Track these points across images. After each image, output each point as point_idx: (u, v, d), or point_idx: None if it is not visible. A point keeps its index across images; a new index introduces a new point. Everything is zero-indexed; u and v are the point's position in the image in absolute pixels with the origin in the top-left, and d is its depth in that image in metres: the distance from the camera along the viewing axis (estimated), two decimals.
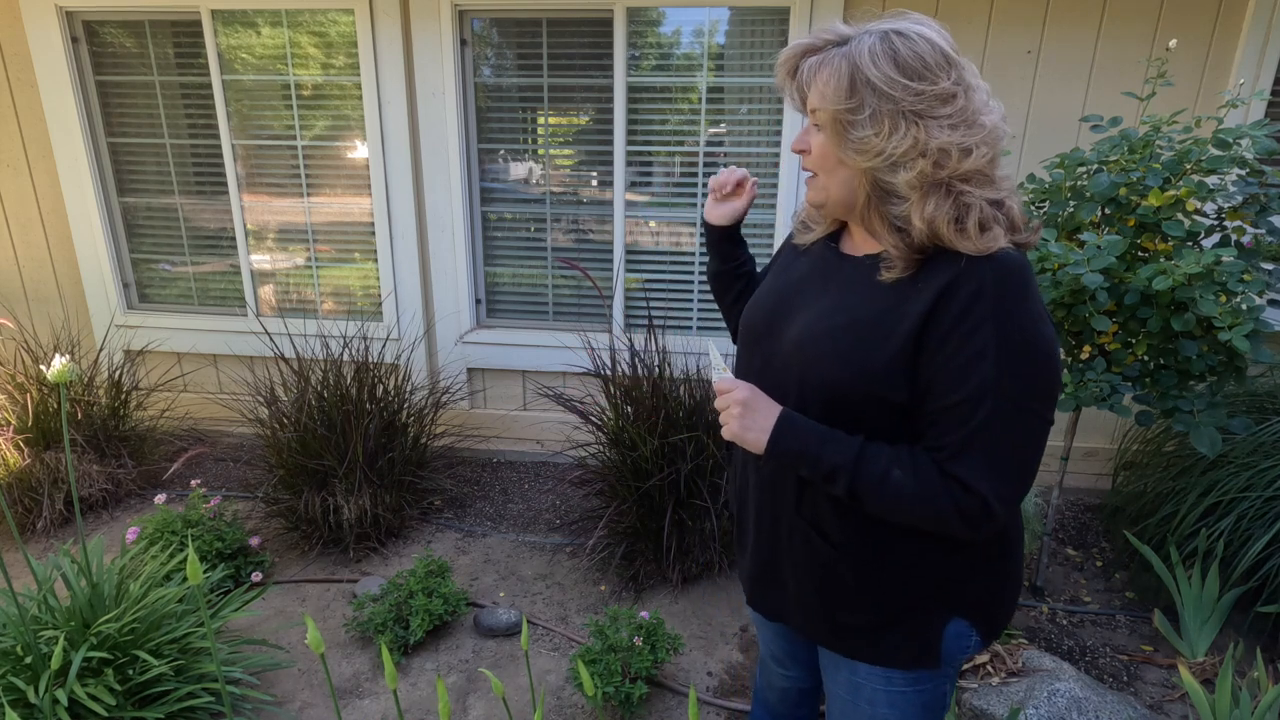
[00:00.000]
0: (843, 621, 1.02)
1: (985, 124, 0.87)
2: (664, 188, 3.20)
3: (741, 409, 0.93)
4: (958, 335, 0.84)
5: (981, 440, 0.85)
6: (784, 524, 1.04)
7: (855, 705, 1.07)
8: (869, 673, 1.03)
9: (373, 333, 3.35)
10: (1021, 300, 0.84)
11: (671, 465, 2.39)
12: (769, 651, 1.37)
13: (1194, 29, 2.66)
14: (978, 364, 0.83)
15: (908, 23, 0.88)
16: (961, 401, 0.84)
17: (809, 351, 0.95)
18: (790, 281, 1.07)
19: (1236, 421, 1.89)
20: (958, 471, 0.86)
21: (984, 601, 1.00)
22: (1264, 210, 1.85)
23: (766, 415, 0.93)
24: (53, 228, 3.43)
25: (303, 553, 2.65)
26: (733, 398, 0.94)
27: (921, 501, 0.87)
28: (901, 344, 0.87)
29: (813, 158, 0.96)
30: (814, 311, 0.98)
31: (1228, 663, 1.70)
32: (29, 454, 2.78)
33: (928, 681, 1.02)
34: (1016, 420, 0.85)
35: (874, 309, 0.91)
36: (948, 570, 0.97)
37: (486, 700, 2.01)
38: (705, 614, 2.36)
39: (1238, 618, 2.23)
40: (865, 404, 0.91)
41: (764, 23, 2.96)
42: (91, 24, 3.19)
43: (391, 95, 3.06)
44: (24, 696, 1.58)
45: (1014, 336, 0.83)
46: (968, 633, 0.99)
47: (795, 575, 1.05)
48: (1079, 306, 1.86)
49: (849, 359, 0.91)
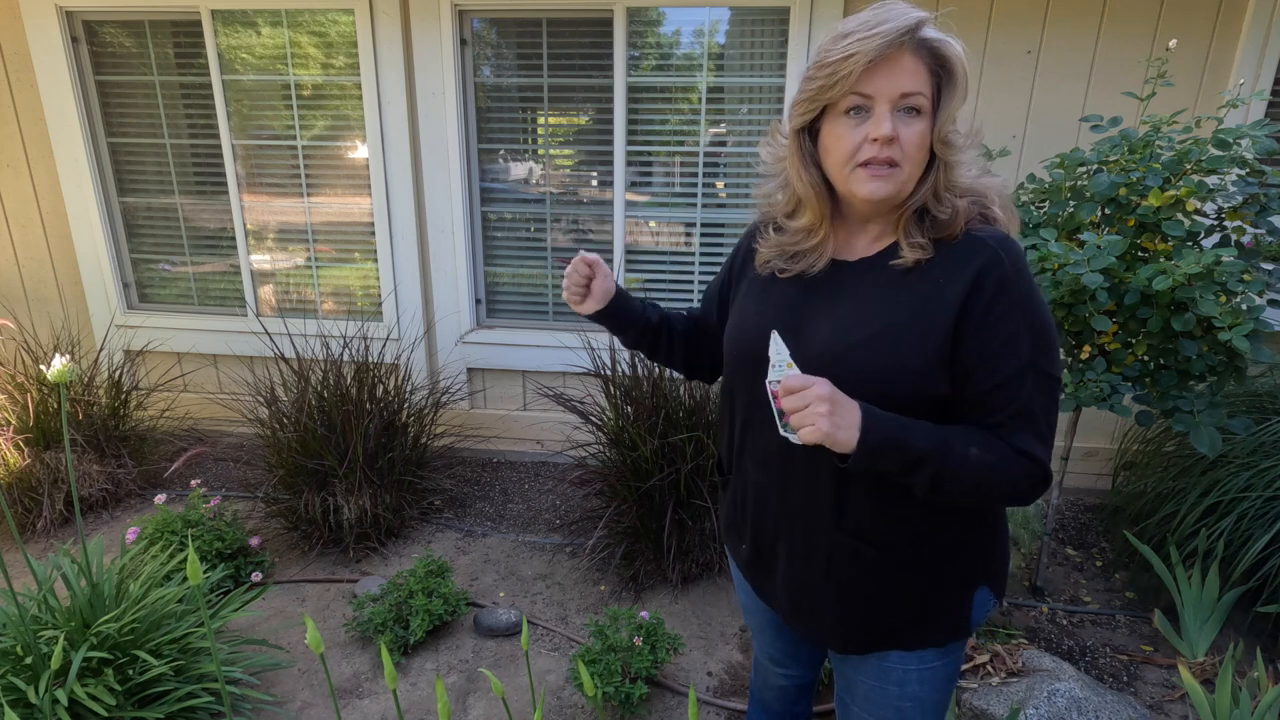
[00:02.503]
0: (886, 624, 1.02)
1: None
2: (664, 188, 3.20)
3: (829, 406, 0.85)
4: (990, 322, 0.88)
5: (1028, 414, 0.90)
6: (821, 546, 1.01)
7: (883, 690, 1.06)
8: (902, 657, 1.04)
9: (373, 333, 3.35)
10: (1033, 285, 0.91)
11: (671, 465, 2.39)
12: (768, 654, 1.35)
13: (1194, 29, 2.65)
14: (1015, 346, 0.88)
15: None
16: (1006, 382, 0.89)
17: (848, 364, 0.92)
18: (779, 301, 1.03)
19: (1236, 421, 1.89)
20: (1017, 444, 0.90)
21: (997, 564, 1.06)
22: (1264, 210, 1.85)
23: (851, 410, 0.87)
24: (53, 228, 3.44)
25: (303, 553, 2.65)
26: (814, 394, 0.85)
27: (1001, 474, 0.90)
28: (942, 338, 0.90)
29: (909, 147, 0.89)
30: (834, 324, 0.96)
31: (1228, 663, 1.70)
32: (29, 454, 2.78)
33: (955, 651, 1.06)
34: (1048, 389, 0.91)
35: (903, 310, 0.92)
36: (976, 547, 1.02)
37: (486, 700, 2.01)
38: (705, 614, 2.36)
39: (1238, 618, 2.23)
40: (906, 405, 0.91)
41: (764, 23, 2.96)
42: (91, 24, 3.19)
43: (391, 95, 3.06)
44: (24, 696, 1.58)
45: (1037, 316, 0.90)
46: (988, 597, 1.04)
47: (838, 595, 1.02)
48: (1079, 306, 1.86)
49: (891, 364, 0.91)
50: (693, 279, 3.27)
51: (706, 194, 3.17)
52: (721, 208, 3.19)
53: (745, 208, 3.17)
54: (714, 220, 3.19)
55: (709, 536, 2.45)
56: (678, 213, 3.21)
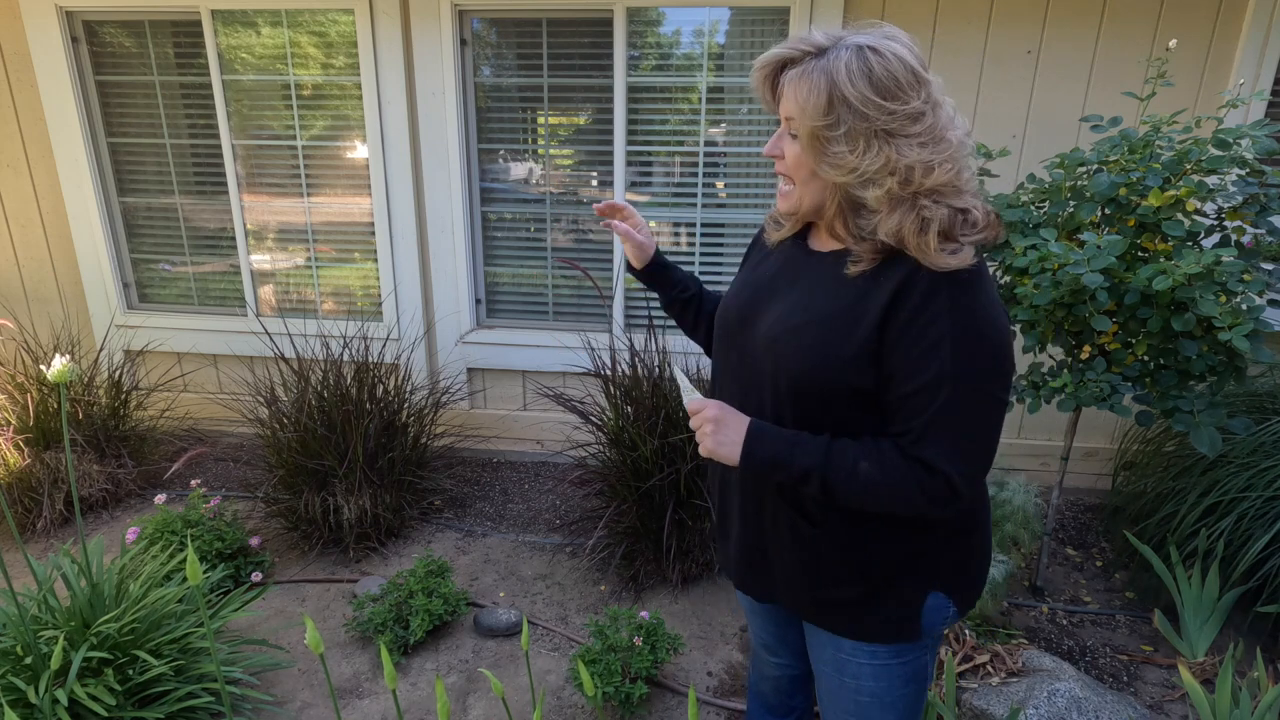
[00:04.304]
0: (827, 597, 1.06)
1: (951, 140, 0.89)
2: (664, 188, 3.20)
3: (714, 426, 0.99)
4: (915, 327, 0.89)
5: (941, 424, 0.90)
6: (768, 509, 1.08)
7: (841, 681, 1.12)
8: (854, 648, 1.08)
9: (373, 333, 3.35)
10: (977, 293, 0.90)
11: (671, 465, 2.39)
12: (759, 640, 1.40)
13: (1194, 29, 2.65)
14: (935, 353, 0.88)
15: (881, 37, 0.89)
16: (921, 389, 0.89)
17: (780, 346, 0.99)
18: (761, 278, 1.11)
19: (1236, 421, 1.88)
20: (922, 454, 0.91)
21: (957, 573, 1.06)
22: (1264, 210, 1.85)
23: (736, 429, 0.98)
24: (53, 228, 3.44)
25: (303, 553, 2.65)
26: (704, 416, 1.00)
27: (890, 488, 0.92)
28: (866, 335, 0.91)
29: (787, 164, 0.98)
30: (784, 306, 1.02)
31: (1228, 663, 1.70)
32: (29, 454, 2.78)
33: (910, 653, 1.07)
34: (974, 404, 0.90)
35: (840, 303, 0.95)
36: (921, 545, 1.02)
37: (486, 700, 2.01)
38: (705, 614, 2.36)
39: (1238, 618, 2.23)
40: (835, 393, 0.95)
41: (764, 23, 2.96)
42: (91, 24, 3.19)
43: (391, 95, 3.06)
44: (24, 696, 1.58)
45: (969, 327, 0.88)
46: (945, 604, 1.05)
47: (781, 556, 1.09)
48: (1079, 306, 1.86)
49: (817, 351, 0.95)
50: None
51: (706, 194, 3.17)
52: (721, 208, 3.19)
53: (745, 208, 3.18)
54: (714, 220, 3.19)
55: (709, 536, 2.45)
56: (678, 213, 3.21)
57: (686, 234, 3.24)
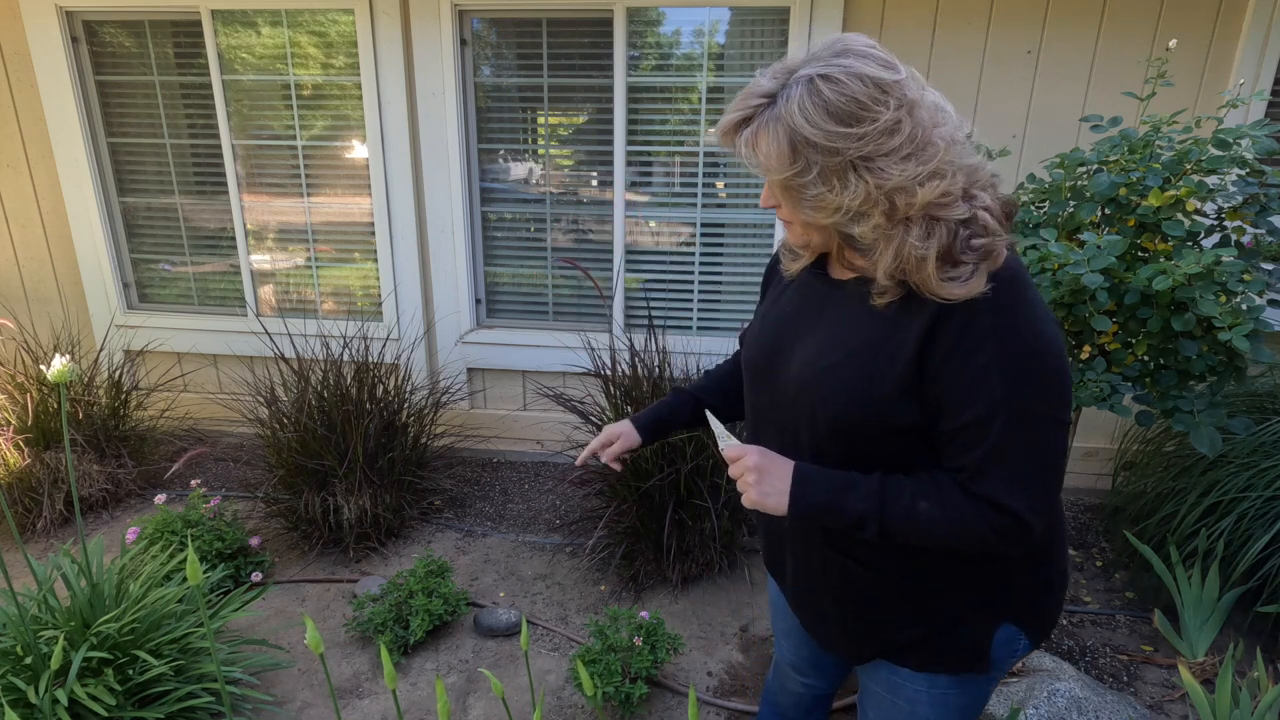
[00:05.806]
0: (892, 639, 1.00)
1: (938, 142, 0.80)
2: (664, 188, 3.20)
3: (756, 475, 0.90)
4: (960, 354, 0.82)
5: (1001, 456, 0.82)
6: (816, 557, 1.02)
7: (894, 704, 1.05)
8: (911, 675, 1.02)
9: (373, 333, 3.35)
10: (1019, 306, 0.82)
11: (671, 465, 2.39)
12: (789, 661, 1.35)
13: (1194, 29, 2.65)
14: (984, 380, 0.81)
15: (831, 57, 0.81)
16: (974, 421, 0.82)
17: (814, 390, 0.93)
18: (784, 314, 1.05)
19: (1236, 421, 1.88)
20: (984, 491, 0.83)
21: (1031, 605, 0.99)
22: (1264, 210, 1.85)
23: (782, 476, 0.90)
24: (53, 228, 3.43)
25: (303, 553, 2.65)
26: (745, 464, 0.91)
27: (955, 527, 0.85)
28: (903, 371, 0.85)
29: (783, 212, 0.93)
30: (812, 345, 0.96)
31: (1228, 663, 1.69)
32: (29, 454, 2.78)
33: (973, 684, 1.01)
34: (1033, 430, 0.82)
35: (870, 337, 0.89)
36: (990, 578, 0.95)
37: (486, 700, 2.01)
38: (705, 614, 2.36)
39: (1238, 618, 2.23)
40: (877, 432, 0.89)
41: (764, 23, 2.96)
42: (91, 24, 3.19)
43: (391, 95, 3.06)
44: (24, 696, 1.58)
45: (1016, 347, 0.81)
46: (1016, 636, 0.98)
47: (837, 605, 1.03)
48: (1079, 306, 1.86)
49: (853, 391, 0.89)
50: (692, 279, 3.27)
51: (706, 194, 3.17)
52: (721, 208, 3.19)
53: (745, 208, 3.18)
54: (714, 220, 3.19)
55: (709, 536, 2.45)
56: (678, 212, 3.21)
57: (687, 234, 3.24)
